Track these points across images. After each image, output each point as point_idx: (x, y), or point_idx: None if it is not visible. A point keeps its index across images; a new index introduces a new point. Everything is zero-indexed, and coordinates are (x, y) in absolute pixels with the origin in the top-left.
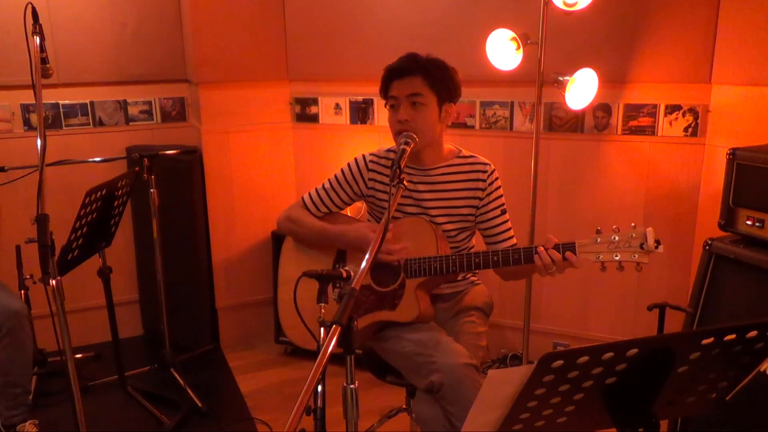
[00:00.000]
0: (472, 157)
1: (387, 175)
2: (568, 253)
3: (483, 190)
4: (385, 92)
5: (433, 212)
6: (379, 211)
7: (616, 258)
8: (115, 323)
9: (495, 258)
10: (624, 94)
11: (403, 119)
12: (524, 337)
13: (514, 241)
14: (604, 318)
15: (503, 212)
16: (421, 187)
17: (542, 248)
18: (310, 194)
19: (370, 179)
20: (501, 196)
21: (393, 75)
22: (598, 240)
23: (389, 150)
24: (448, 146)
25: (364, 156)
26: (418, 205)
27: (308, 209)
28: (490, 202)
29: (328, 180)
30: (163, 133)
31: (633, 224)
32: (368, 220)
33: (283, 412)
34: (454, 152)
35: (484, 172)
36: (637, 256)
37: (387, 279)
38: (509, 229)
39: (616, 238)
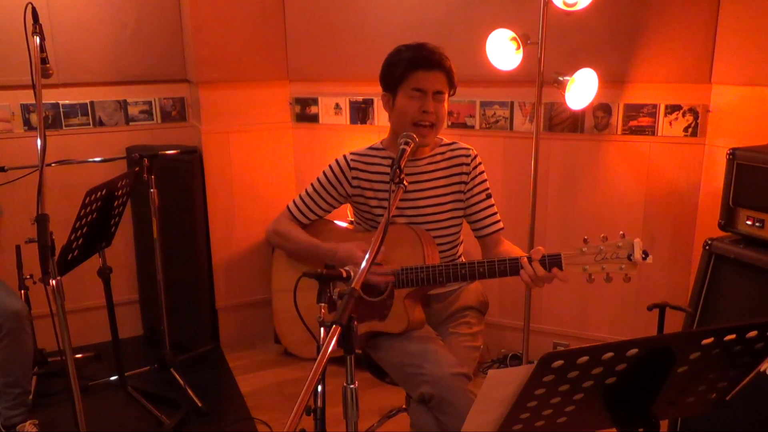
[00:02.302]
0: (453, 143)
1: (371, 172)
2: (554, 270)
3: (468, 174)
4: (401, 80)
5: (423, 202)
6: (369, 212)
7: (603, 269)
8: (115, 323)
9: (481, 269)
10: (624, 94)
11: (432, 111)
12: (524, 337)
13: (501, 225)
14: (604, 318)
15: (488, 196)
16: (408, 179)
17: (526, 260)
18: (295, 202)
19: (353, 177)
20: (485, 180)
21: (420, 65)
22: (584, 250)
23: (370, 147)
24: None
25: (345, 156)
26: (408, 198)
27: (295, 218)
28: (475, 186)
29: (311, 185)
30: (163, 133)
31: (621, 233)
32: (357, 223)
33: (283, 412)
34: (437, 141)
35: (468, 156)
36: (624, 267)
37: (377, 289)
38: (495, 213)
39: (603, 248)
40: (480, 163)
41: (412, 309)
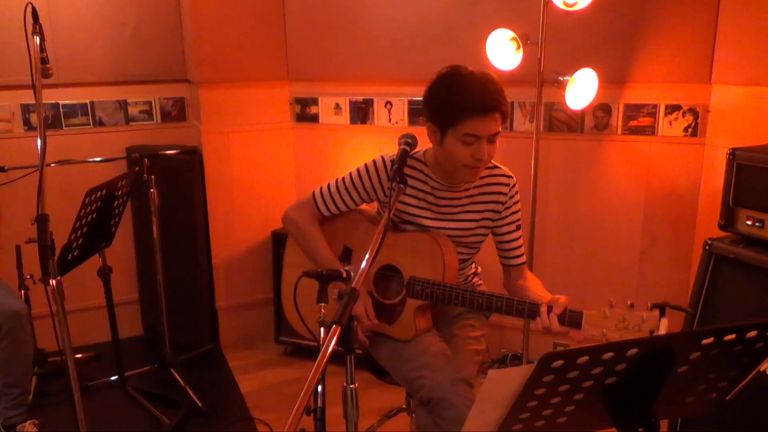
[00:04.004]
0: (496, 168)
1: (406, 185)
2: (572, 333)
3: (503, 203)
4: (452, 124)
5: (452, 225)
6: (395, 216)
7: (622, 338)
8: (115, 323)
9: (499, 304)
10: (624, 94)
11: (484, 158)
12: (524, 337)
13: (524, 259)
14: None
15: (518, 228)
16: (443, 202)
17: (545, 309)
18: (322, 192)
19: (389, 188)
20: (518, 211)
21: (475, 111)
22: (607, 314)
23: (412, 157)
24: None
25: (384, 161)
26: (439, 218)
27: (318, 208)
28: (507, 216)
29: (343, 179)
30: (163, 133)
31: (649, 304)
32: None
33: (283, 412)
34: None
35: (507, 185)
36: None
37: (390, 291)
38: (520, 246)
39: (627, 317)
40: (517, 193)
41: (421, 321)
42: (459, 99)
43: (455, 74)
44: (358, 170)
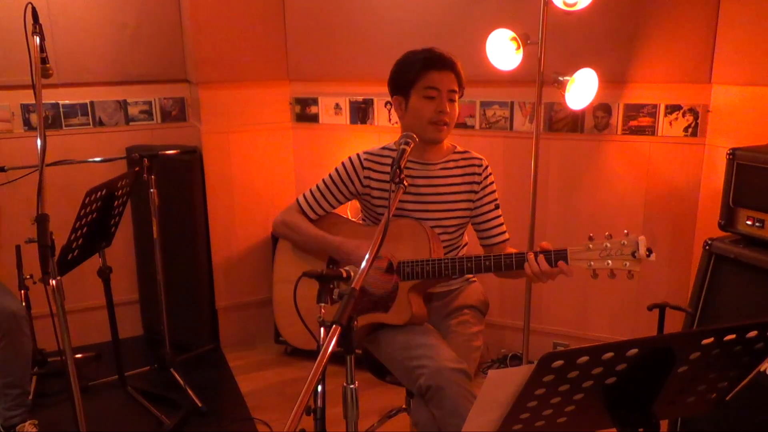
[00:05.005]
0: (466, 152)
1: (382, 173)
2: (560, 263)
3: (479, 183)
4: (415, 81)
5: (432, 207)
6: (374, 210)
7: (608, 265)
8: (115, 323)
9: (487, 263)
10: (624, 94)
11: (448, 111)
12: (524, 337)
13: (506, 236)
14: (604, 318)
15: (497, 207)
16: (420, 182)
17: (532, 254)
18: (305, 196)
19: (365, 177)
20: (494, 191)
21: (433, 65)
22: (590, 247)
23: (384, 147)
24: (445, 142)
25: (358, 155)
26: (418, 201)
27: (304, 212)
28: (484, 196)
29: (323, 180)
30: (163, 133)
31: (626, 231)
32: (362, 220)
33: (283, 412)
34: (451, 148)
35: (479, 166)
36: (628, 264)
37: (381, 281)
38: (502, 224)
39: (608, 245)
40: (491, 174)
41: (415, 302)
42: (419, 57)
43: (410, 50)
44: (336, 169)
